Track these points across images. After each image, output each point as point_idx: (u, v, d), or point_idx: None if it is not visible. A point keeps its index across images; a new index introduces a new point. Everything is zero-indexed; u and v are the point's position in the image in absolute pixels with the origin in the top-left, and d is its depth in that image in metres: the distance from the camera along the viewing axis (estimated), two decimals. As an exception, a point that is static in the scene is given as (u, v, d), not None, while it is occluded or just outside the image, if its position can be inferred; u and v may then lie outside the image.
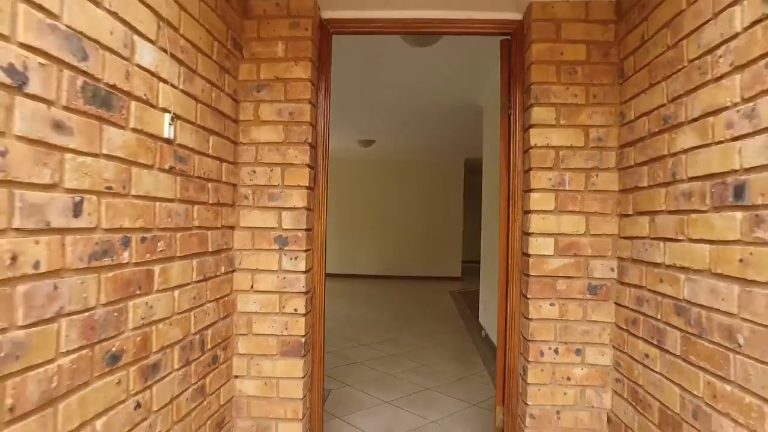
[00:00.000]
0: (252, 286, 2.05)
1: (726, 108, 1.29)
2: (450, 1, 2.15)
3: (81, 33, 1.08)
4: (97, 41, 1.14)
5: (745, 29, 1.21)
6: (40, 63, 0.97)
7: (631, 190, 1.87)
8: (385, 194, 9.97)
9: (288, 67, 2.06)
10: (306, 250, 2.07)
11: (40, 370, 0.99)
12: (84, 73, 1.10)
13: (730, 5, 1.27)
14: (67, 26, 1.04)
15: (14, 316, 0.92)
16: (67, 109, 1.05)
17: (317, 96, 2.17)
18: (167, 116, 1.45)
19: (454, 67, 4.04)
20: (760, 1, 1.15)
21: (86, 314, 1.13)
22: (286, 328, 2.05)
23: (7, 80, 0.89)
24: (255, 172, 2.05)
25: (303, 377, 2.06)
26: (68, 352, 1.07)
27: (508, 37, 2.25)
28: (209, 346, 1.81)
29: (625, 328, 1.89)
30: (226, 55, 1.91)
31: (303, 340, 2.05)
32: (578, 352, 2.00)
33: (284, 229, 2.05)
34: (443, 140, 7.74)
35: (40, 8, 0.97)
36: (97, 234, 1.16)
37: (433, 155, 9.36)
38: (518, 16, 2.19)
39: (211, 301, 1.82)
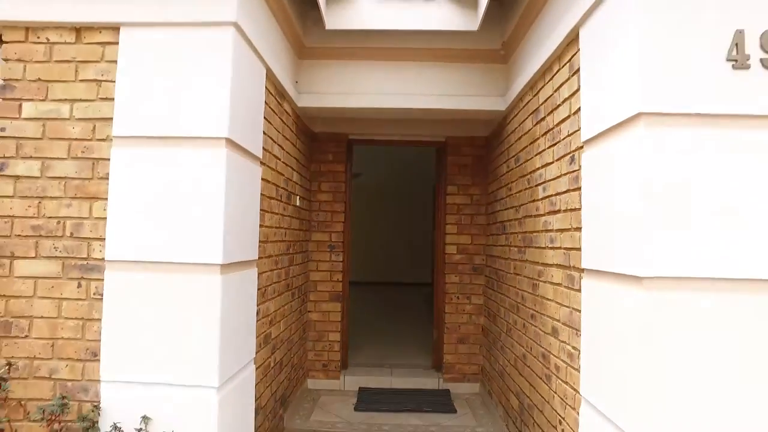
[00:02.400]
0: (317, 268, 4.35)
1: (502, 198, 3.67)
2: (409, 131, 4.49)
3: (285, 176, 3.39)
4: (287, 177, 3.44)
5: (514, 184, 3.61)
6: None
7: (489, 225, 4.25)
8: (369, 215, 12.26)
9: (334, 165, 4.40)
10: (342, 251, 4.38)
11: (277, 285, 3.28)
12: (286, 189, 3.40)
13: (503, 163, 3.68)
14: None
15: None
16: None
17: (347, 176, 4.50)
18: (298, 197, 3.77)
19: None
20: (519, 175, 3.55)
21: (284, 270, 3.42)
22: (333, 288, 4.35)
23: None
24: (318, 214, 4.37)
25: (340, 311, 4.36)
26: (282, 281, 3.35)
27: (438, 148, 4.64)
28: (303, 293, 4.09)
29: (486, 285, 4.25)
30: (307, 162, 4.23)
31: (341, 293, 4.36)
32: (468, 297, 4.35)
33: (332, 241, 4.36)
34: (416, 172, 10.14)
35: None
36: (285, 243, 3.45)
37: (408, 183, 11.75)
38: (442, 139, 4.57)
39: (303, 273, 4.11)
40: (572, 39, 2.25)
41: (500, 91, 3.61)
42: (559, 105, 2.45)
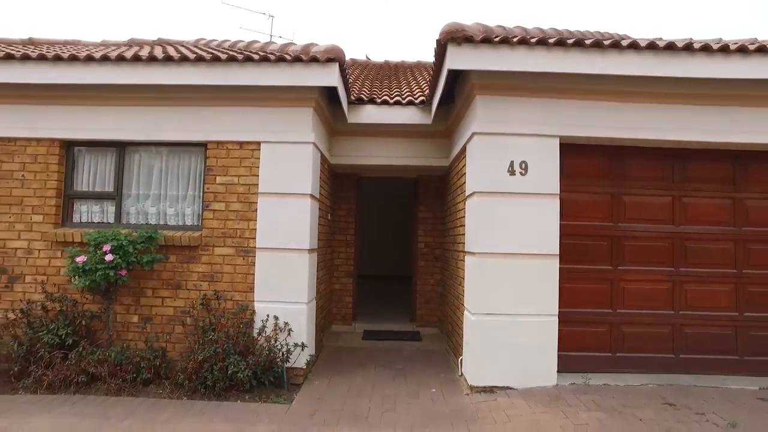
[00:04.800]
0: (338, 256, 7.03)
1: (447, 215, 6.37)
2: (395, 173, 7.15)
3: (324, 203, 6.06)
4: (325, 203, 6.11)
5: (451, 207, 6.31)
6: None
7: (443, 229, 6.94)
8: (372, 224, 14.88)
9: (348, 192, 7.09)
10: (353, 246, 7.07)
11: (321, 263, 5.96)
12: (325, 211, 6.07)
13: (448, 194, 6.38)
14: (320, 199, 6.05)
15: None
16: (329, 220, 6.02)
17: (356, 199, 7.18)
18: (329, 214, 6.44)
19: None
20: (452, 203, 6.26)
21: (323, 255, 6.09)
22: (347, 269, 7.04)
23: (324, 215, 5.86)
24: (339, 223, 7.05)
25: (352, 284, 7.05)
26: (322, 262, 6.02)
27: (414, 182, 7.34)
28: (330, 271, 6.77)
29: (442, 267, 6.94)
30: (332, 191, 6.89)
31: (352, 272, 7.05)
32: (431, 275, 7.05)
33: (347, 241, 7.05)
34: (402, 195, 12.79)
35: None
36: (324, 240, 6.11)
37: (397, 203, 14.40)
38: (416, 177, 7.25)
39: (330, 258, 6.79)
40: (465, 146, 4.93)
41: (445, 154, 6.29)
42: (463, 174, 5.14)
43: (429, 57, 6.18)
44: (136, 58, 4.62)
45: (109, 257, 4.22)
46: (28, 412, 3.69)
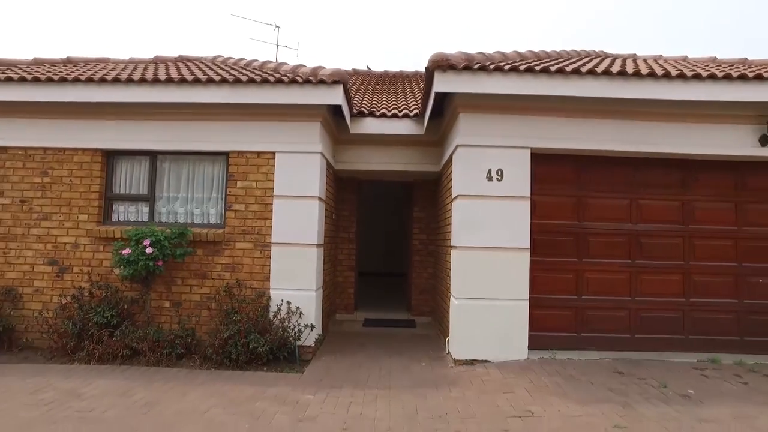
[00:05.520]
0: (341, 252, 7.80)
1: (438, 214, 7.14)
2: (393, 177, 7.92)
3: (329, 204, 6.83)
4: (330, 204, 6.88)
5: (442, 207, 7.08)
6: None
7: (437, 228, 7.70)
8: (372, 223, 15.64)
9: (350, 194, 7.86)
10: (355, 242, 7.83)
11: (326, 257, 6.73)
12: (329, 211, 6.84)
13: (439, 196, 7.15)
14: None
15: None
16: (333, 219, 6.79)
17: (357, 201, 7.94)
18: (333, 214, 7.21)
19: (401, 173, 9.88)
20: (442, 204, 7.03)
21: (328, 251, 6.85)
22: (349, 263, 7.81)
23: (329, 215, 6.63)
24: (342, 222, 7.82)
25: (354, 276, 7.82)
26: (327, 256, 6.79)
27: (409, 184, 8.10)
28: (334, 265, 7.54)
29: (434, 261, 7.71)
30: (336, 193, 7.66)
31: (354, 266, 7.82)
32: (425, 268, 7.81)
33: (349, 238, 7.82)
34: (399, 196, 13.57)
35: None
36: (329, 237, 6.88)
37: (392, 198, 15.16)
38: (411, 180, 8.01)
39: (334, 253, 7.56)
40: (452, 155, 5.69)
41: (437, 161, 7.05)
42: (450, 179, 5.90)
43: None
44: (169, 80, 5.39)
45: (149, 250, 4.99)
46: (88, 377, 4.46)
